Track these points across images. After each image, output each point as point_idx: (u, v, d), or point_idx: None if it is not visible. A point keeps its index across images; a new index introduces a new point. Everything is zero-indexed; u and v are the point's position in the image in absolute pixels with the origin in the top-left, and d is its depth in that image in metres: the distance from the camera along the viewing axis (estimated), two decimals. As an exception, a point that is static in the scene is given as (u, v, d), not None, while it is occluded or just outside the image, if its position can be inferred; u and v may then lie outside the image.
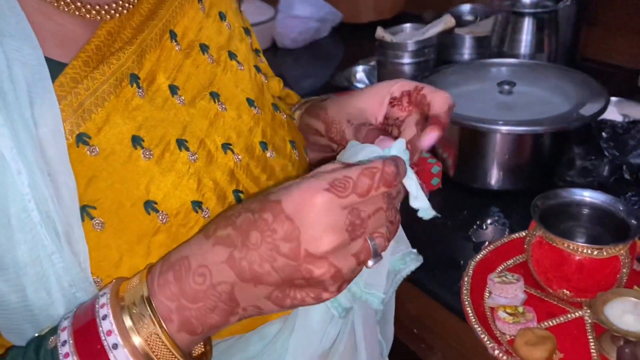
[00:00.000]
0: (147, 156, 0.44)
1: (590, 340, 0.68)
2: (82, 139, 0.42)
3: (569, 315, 0.71)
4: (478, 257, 0.79)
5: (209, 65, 0.52)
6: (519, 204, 0.90)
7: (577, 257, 0.67)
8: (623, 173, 0.89)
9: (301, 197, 0.37)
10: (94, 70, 0.44)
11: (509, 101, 0.95)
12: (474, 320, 0.69)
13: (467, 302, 0.72)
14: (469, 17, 1.46)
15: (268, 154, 0.53)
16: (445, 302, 0.77)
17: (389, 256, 0.54)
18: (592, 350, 0.66)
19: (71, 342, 0.39)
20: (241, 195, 0.49)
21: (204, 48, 0.52)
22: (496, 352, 0.65)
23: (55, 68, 0.43)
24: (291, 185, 0.39)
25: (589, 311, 0.70)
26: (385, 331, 0.66)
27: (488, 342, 0.66)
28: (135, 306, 0.39)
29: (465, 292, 0.74)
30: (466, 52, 1.38)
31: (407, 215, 0.46)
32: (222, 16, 0.56)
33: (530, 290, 0.75)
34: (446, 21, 1.10)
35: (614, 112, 1.09)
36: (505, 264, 0.80)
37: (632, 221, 0.69)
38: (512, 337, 0.67)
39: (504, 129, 0.87)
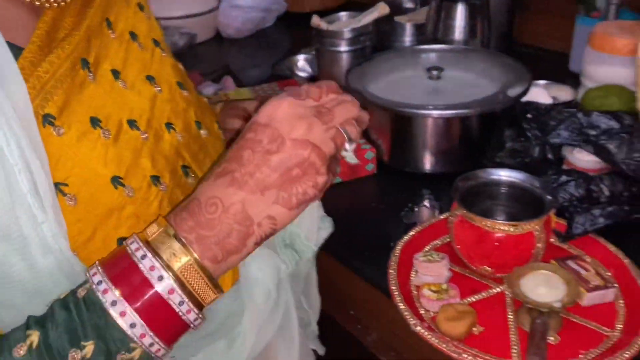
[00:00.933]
0: (107, 136, 0.47)
1: (509, 313, 0.71)
2: (47, 120, 0.45)
3: (490, 291, 0.74)
4: (406, 238, 0.81)
5: (140, 52, 0.55)
6: (450, 186, 0.92)
7: (495, 234, 0.70)
8: (546, 153, 0.92)
9: (270, 108, 0.46)
10: (49, 54, 0.46)
11: (439, 86, 0.98)
12: (399, 299, 0.71)
13: (393, 282, 0.74)
14: (409, 5, 1.48)
15: (202, 133, 0.58)
16: (376, 283, 0.79)
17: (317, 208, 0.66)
18: (510, 323, 0.69)
19: (107, 281, 0.43)
20: (188, 170, 0.54)
21: (133, 36, 0.56)
22: (418, 328, 0.67)
23: (13, 52, 0.44)
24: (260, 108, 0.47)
25: (508, 286, 0.73)
26: (311, 301, 0.78)
27: (411, 320, 0.68)
28: (165, 244, 0.44)
29: (392, 272, 0.76)
30: (407, 39, 1.40)
31: (342, 200, 0.50)
32: (140, 7, 0.59)
33: (455, 268, 0.77)
34: (380, 9, 1.12)
35: (545, 95, 1.13)
36: (433, 244, 0.82)
37: (548, 197, 0.73)
38: (436, 314, 0.70)
39: (433, 113, 0.90)
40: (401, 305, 0.70)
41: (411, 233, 0.82)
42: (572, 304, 0.64)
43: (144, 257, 0.44)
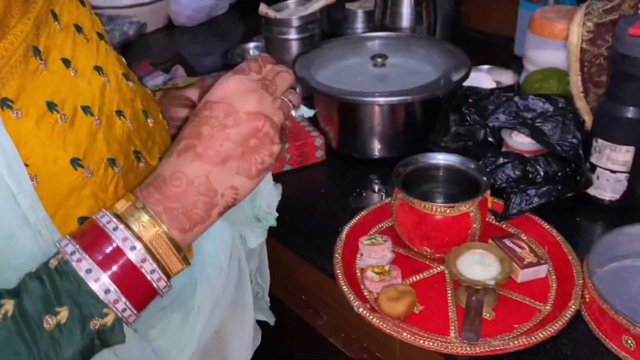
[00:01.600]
0: (64, 120, 0.48)
1: (449, 292, 0.74)
2: (6, 104, 0.45)
3: (431, 271, 0.77)
4: (352, 222, 0.83)
5: (86, 44, 0.56)
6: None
7: (433, 216, 0.73)
8: (488, 136, 0.95)
9: (221, 87, 0.50)
10: (2, 41, 0.46)
11: (383, 73, 0.99)
12: (342, 282, 0.74)
13: (338, 265, 0.76)
14: (360, -8, 1.49)
15: (149, 122, 0.60)
16: (323, 268, 0.80)
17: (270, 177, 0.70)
18: (449, 301, 0.72)
19: (81, 251, 0.45)
20: (140, 155, 0.56)
21: (78, 28, 0.56)
22: (360, 309, 0.70)
23: None
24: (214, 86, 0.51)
25: (448, 265, 0.76)
26: (263, 275, 0.84)
27: (354, 301, 0.71)
28: (134, 216, 0.47)
29: (337, 256, 0.78)
30: (358, 25, 1.42)
31: (292, 187, 0.53)
32: (82, 2, 0.60)
33: (399, 250, 0.80)
34: (327, -4, 1.13)
35: (488, 80, 1.16)
36: (378, 227, 0.85)
37: (483, 179, 0.75)
38: (379, 295, 0.72)
39: (378, 100, 0.91)
40: (345, 288, 0.72)
41: (357, 217, 0.84)
42: (505, 281, 0.67)
43: (115, 228, 0.46)
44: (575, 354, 0.65)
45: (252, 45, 1.37)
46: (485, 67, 1.13)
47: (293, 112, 0.54)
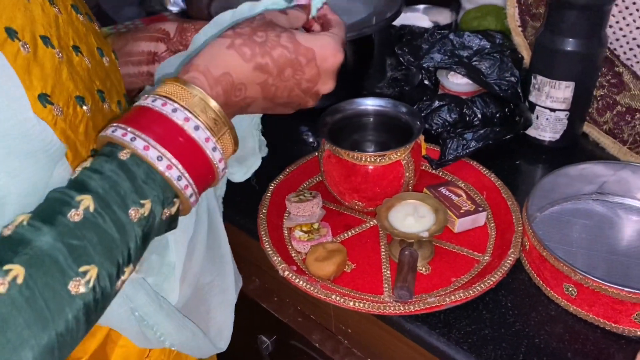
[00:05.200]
0: (26, 49, 0.43)
1: (382, 247, 0.68)
2: None
3: (363, 226, 0.71)
4: (278, 178, 0.76)
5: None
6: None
7: (362, 167, 0.66)
8: (424, 79, 0.89)
9: (329, 52, 0.51)
10: None
11: (310, 13, 0.91)
12: (267, 243, 0.67)
13: (262, 226, 0.69)
14: None
15: (105, 61, 0.55)
16: (248, 229, 0.74)
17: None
18: (382, 257, 0.67)
19: (144, 136, 0.42)
20: (103, 94, 0.51)
21: None
22: (286, 273, 0.63)
23: None
24: (317, 37, 0.51)
25: (382, 219, 0.70)
26: None
27: (279, 264, 0.64)
28: (191, 100, 0.45)
29: (262, 216, 0.71)
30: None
31: None
32: None
33: (329, 206, 0.74)
34: None
35: (425, 19, 1.09)
36: (308, 182, 0.78)
37: (416, 124, 0.69)
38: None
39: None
40: (269, 250, 0.66)
41: (285, 173, 0.77)
42: (440, 232, 0.62)
43: (175, 110, 0.44)
44: (515, 305, 0.61)
45: (171, -10, 1.25)
46: (422, 6, 1.06)
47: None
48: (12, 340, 0.34)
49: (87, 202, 0.39)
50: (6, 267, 0.35)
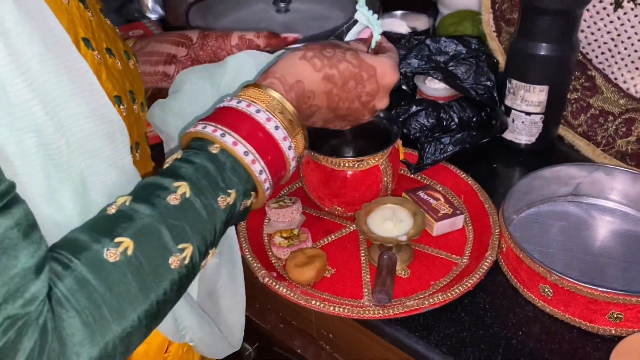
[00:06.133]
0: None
1: (362, 252, 0.68)
2: None
3: (343, 231, 0.72)
4: (258, 185, 0.76)
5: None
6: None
7: (340, 172, 0.67)
8: (401, 84, 0.90)
9: (388, 70, 0.57)
10: None
11: (288, 20, 0.91)
12: (247, 250, 0.67)
13: (242, 233, 0.70)
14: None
15: (130, 64, 0.56)
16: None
17: None
18: (362, 261, 0.67)
19: (234, 134, 0.47)
20: (133, 95, 0.53)
21: None
22: (266, 279, 0.63)
23: None
24: (378, 56, 0.57)
25: (361, 224, 0.70)
26: None
27: (258, 271, 0.64)
28: (270, 102, 0.50)
29: (242, 222, 0.71)
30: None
31: None
32: None
33: (309, 211, 0.74)
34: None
35: (402, 25, 1.10)
36: (288, 189, 0.78)
37: (394, 128, 0.70)
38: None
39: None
40: (248, 257, 0.66)
41: (264, 179, 0.77)
42: (418, 236, 0.63)
43: (258, 111, 0.48)
44: (493, 307, 0.61)
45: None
46: (399, 12, 1.07)
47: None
48: (122, 304, 0.38)
49: (184, 188, 0.43)
50: (117, 239, 0.39)
